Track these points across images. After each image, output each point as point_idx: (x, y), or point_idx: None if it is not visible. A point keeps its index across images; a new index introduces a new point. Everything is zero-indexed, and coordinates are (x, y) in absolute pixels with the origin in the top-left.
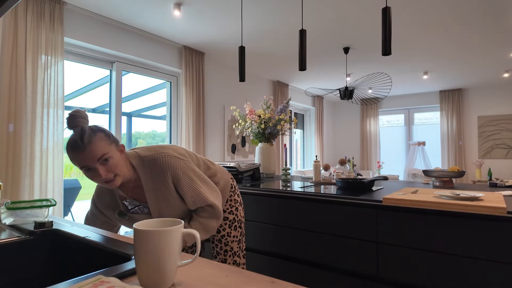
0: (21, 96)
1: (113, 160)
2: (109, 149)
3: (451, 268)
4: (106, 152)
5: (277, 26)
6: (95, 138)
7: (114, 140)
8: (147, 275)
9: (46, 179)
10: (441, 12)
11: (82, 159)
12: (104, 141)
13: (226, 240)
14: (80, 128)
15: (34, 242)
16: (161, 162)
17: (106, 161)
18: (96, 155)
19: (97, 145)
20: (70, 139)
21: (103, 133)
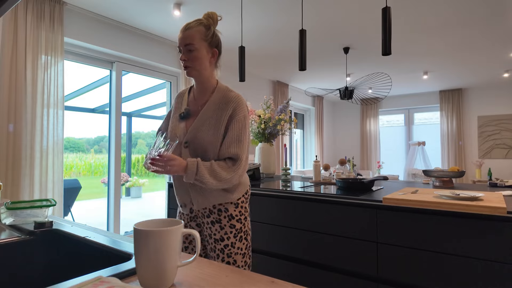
0: (21, 96)
1: (196, 53)
2: (197, 41)
3: (451, 268)
4: (193, 42)
5: (277, 26)
6: (194, 29)
7: (212, 41)
8: (147, 275)
9: (46, 179)
10: (441, 12)
11: (179, 40)
12: (199, 34)
13: (230, 251)
14: (196, 19)
15: (34, 242)
16: (237, 97)
17: (190, 50)
18: (186, 40)
19: (191, 33)
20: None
21: (204, 29)
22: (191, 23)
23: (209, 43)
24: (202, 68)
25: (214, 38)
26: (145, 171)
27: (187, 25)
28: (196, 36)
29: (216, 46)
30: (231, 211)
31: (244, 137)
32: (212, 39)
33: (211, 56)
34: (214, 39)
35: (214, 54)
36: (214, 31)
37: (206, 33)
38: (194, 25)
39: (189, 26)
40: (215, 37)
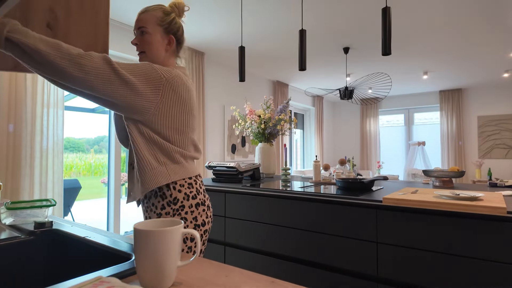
0: (21, 96)
1: (148, 37)
2: (151, 26)
3: (451, 268)
4: (145, 26)
5: (277, 26)
6: (150, 12)
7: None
8: (147, 275)
9: (46, 179)
10: (441, 12)
11: (135, 23)
12: (154, 18)
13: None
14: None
15: (34, 242)
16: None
17: (142, 33)
18: (139, 23)
19: (145, 16)
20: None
21: (161, 14)
22: (150, 6)
23: (165, 28)
24: (154, 55)
25: (172, 24)
26: None
27: (145, 8)
28: (151, 19)
29: (173, 33)
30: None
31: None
32: (169, 25)
33: (166, 43)
34: (172, 25)
35: (171, 42)
36: (174, 18)
37: (163, 18)
38: (152, 8)
39: (147, 9)
40: (174, 24)
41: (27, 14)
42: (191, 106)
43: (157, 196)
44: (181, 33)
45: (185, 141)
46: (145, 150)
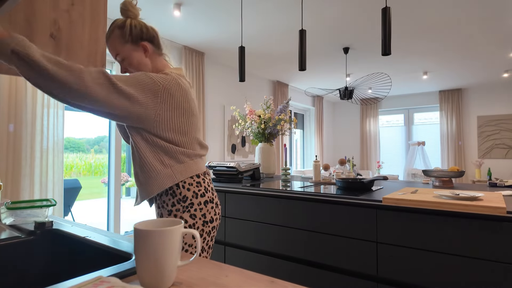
0: (21, 96)
1: (128, 60)
2: (121, 49)
3: (451, 268)
4: (117, 52)
5: (277, 26)
6: (111, 37)
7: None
8: (147, 275)
9: (46, 179)
10: (441, 12)
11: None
12: (118, 40)
13: None
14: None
15: (34, 242)
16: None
17: (121, 60)
18: (112, 53)
19: (111, 43)
20: None
21: (119, 31)
22: (108, 31)
23: (131, 41)
24: (143, 69)
25: (133, 32)
26: None
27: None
28: (115, 44)
29: (141, 39)
30: (175, 190)
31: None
32: (132, 35)
33: (143, 52)
34: (134, 33)
35: (145, 48)
36: (130, 24)
37: (122, 34)
38: (110, 32)
39: (107, 36)
40: (135, 29)
41: (32, 25)
42: (191, 107)
43: (167, 194)
44: (148, 30)
45: (190, 141)
46: (150, 155)
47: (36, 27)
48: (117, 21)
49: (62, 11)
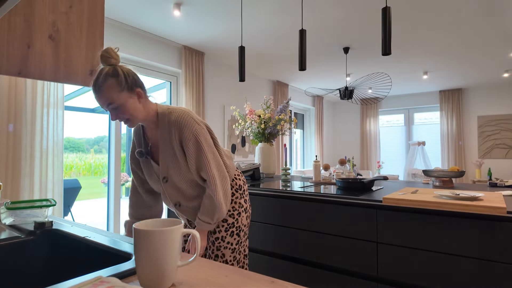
0: (21, 96)
1: (123, 107)
2: (116, 97)
3: (451, 268)
4: (112, 101)
5: (277, 26)
6: (105, 86)
7: (129, 86)
8: (147, 275)
9: (46, 179)
10: (441, 12)
11: (98, 101)
12: (114, 89)
13: (219, 245)
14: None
15: (34, 242)
16: (176, 116)
17: (115, 108)
18: (106, 101)
19: (105, 92)
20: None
21: (114, 80)
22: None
23: (127, 89)
24: (138, 114)
25: (128, 80)
26: None
27: (95, 84)
28: (111, 93)
29: (135, 85)
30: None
31: (205, 156)
32: (127, 83)
33: (137, 98)
34: (129, 81)
35: (139, 94)
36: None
37: (117, 82)
38: (102, 81)
39: (98, 85)
40: (129, 77)
41: (31, 26)
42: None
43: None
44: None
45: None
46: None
47: (35, 28)
48: (104, 69)
49: (60, 13)
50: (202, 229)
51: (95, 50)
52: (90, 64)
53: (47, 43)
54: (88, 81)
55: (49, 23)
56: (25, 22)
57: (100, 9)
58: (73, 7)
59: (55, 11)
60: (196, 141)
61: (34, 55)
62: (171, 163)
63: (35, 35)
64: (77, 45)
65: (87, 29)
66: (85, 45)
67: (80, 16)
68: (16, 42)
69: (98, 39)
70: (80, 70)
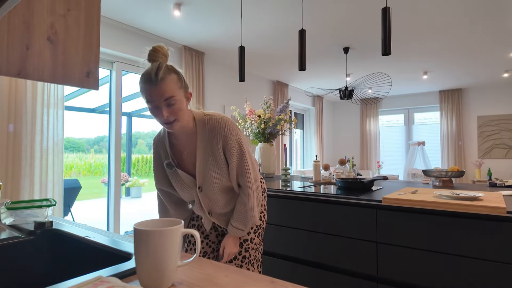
0: (21, 96)
1: (178, 104)
2: (177, 92)
3: (451, 268)
4: (173, 94)
5: (277, 26)
6: (168, 79)
7: (185, 85)
8: (147, 275)
9: (46, 179)
10: (441, 12)
11: (151, 93)
12: (175, 83)
13: (248, 246)
14: (158, 63)
15: (34, 242)
16: (220, 123)
17: (171, 104)
18: (164, 94)
19: (167, 85)
20: (146, 71)
21: (176, 76)
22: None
23: (184, 88)
24: (184, 117)
25: (184, 80)
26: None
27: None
28: (174, 87)
29: (188, 87)
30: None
31: (246, 163)
32: (185, 82)
33: (187, 100)
34: (186, 82)
35: (189, 97)
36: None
37: (179, 79)
38: (165, 73)
39: (161, 76)
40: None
41: (30, 28)
42: None
43: None
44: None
45: None
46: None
47: (34, 30)
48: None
49: (58, 15)
50: (235, 236)
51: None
52: (87, 66)
53: (45, 45)
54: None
55: (48, 25)
56: (24, 23)
57: (96, 12)
58: (71, 10)
59: (53, 14)
60: (239, 148)
61: (33, 56)
62: (210, 170)
63: (34, 37)
64: (74, 47)
65: (84, 32)
66: (82, 47)
67: (78, 19)
68: (16, 43)
69: (94, 42)
70: (77, 72)
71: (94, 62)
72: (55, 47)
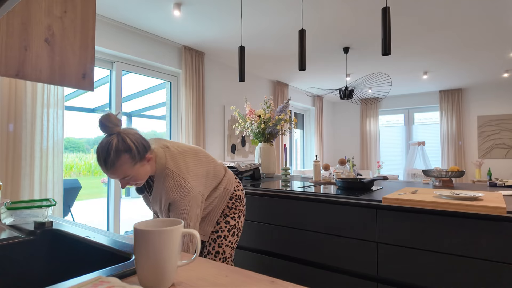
0: (21, 96)
1: (135, 177)
2: (130, 171)
3: (451, 268)
4: (127, 175)
5: (277, 26)
6: (118, 163)
7: (140, 157)
8: (147, 275)
9: (46, 179)
10: (441, 12)
11: (106, 174)
12: (127, 164)
13: (221, 242)
14: (108, 144)
15: (34, 242)
16: (172, 184)
17: (128, 179)
18: (118, 176)
19: (118, 169)
20: (97, 149)
21: (128, 155)
22: (109, 156)
23: (140, 159)
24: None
25: (139, 150)
26: None
27: (105, 160)
28: (126, 168)
29: (145, 152)
30: (226, 212)
31: (186, 219)
32: (139, 155)
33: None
34: (140, 151)
35: (149, 158)
36: (133, 142)
37: (131, 156)
38: (115, 158)
39: (110, 162)
40: (139, 146)
41: (28, 29)
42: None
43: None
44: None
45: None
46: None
47: (31, 32)
48: (112, 142)
49: (55, 17)
50: None
51: (87, 54)
52: (83, 67)
53: (43, 46)
54: (81, 84)
55: (45, 27)
56: (22, 25)
57: (92, 14)
58: (67, 12)
59: (50, 15)
60: (185, 208)
61: (31, 57)
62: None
63: (32, 38)
64: (71, 49)
65: (80, 33)
66: (78, 49)
67: (74, 21)
68: (14, 44)
69: (90, 43)
70: (74, 73)
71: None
72: (52, 49)
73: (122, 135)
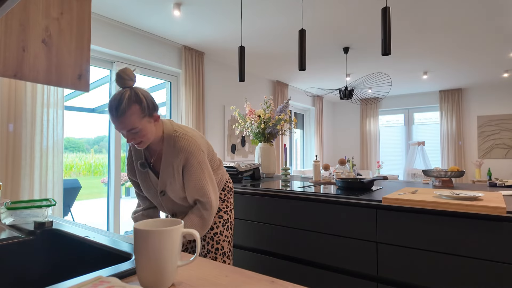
0: (21, 96)
1: (142, 132)
2: (139, 123)
3: (451, 268)
4: (135, 126)
5: (276, 26)
6: (129, 112)
7: (149, 111)
8: (147, 275)
9: (46, 179)
10: (441, 12)
11: (114, 123)
12: (137, 115)
13: (218, 239)
14: (121, 94)
15: (34, 242)
16: (184, 143)
17: (135, 132)
18: (126, 127)
19: (128, 118)
20: (110, 100)
21: (138, 106)
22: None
23: (149, 114)
24: (151, 137)
25: (149, 105)
26: None
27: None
28: (135, 119)
29: (154, 110)
30: (219, 205)
31: (205, 182)
32: (149, 109)
33: (153, 121)
34: (150, 107)
35: (156, 118)
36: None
37: (141, 108)
38: (126, 106)
39: (121, 109)
40: (149, 102)
41: (26, 30)
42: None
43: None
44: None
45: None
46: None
47: (30, 33)
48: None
49: (53, 19)
50: None
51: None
52: (78, 68)
53: (40, 47)
54: (77, 85)
55: (42, 28)
56: (20, 26)
57: (87, 15)
58: (64, 14)
59: (48, 17)
60: (198, 167)
61: (28, 58)
62: (169, 181)
63: (30, 39)
64: (67, 50)
65: (76, 35)
66: (74, 50)
67: (70, 22)
68: (12, 45)
69: (85, 45)
70: (70, 74)
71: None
72: (49, 50)
73: (135, 89)
